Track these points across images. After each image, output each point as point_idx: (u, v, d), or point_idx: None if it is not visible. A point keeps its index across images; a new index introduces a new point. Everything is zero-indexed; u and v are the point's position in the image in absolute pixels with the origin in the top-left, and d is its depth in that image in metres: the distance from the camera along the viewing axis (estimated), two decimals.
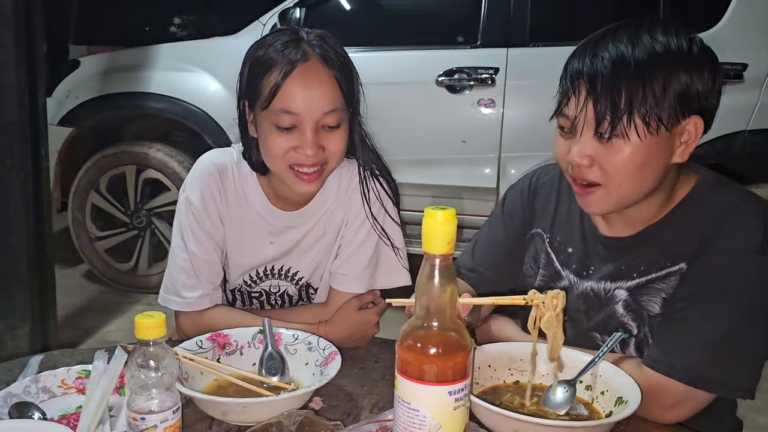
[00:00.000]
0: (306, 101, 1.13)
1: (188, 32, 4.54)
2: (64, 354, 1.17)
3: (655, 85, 0.97)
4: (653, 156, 1.00)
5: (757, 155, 2.92)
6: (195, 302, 1.26)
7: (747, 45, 2.86)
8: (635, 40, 0.99)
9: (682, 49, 0.99)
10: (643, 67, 0.97)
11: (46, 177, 2.61)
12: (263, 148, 1.20)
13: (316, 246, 1.32)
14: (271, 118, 1.15)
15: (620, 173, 1.01)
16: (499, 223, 1.30)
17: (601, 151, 1.01)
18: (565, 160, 1.05)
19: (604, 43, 1.01)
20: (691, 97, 0.99)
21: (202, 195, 1.25)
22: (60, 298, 2.79)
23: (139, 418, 0.80)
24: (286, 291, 1.36)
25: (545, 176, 1.27)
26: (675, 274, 1.06)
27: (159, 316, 0.81)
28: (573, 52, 1.06)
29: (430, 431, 0.73)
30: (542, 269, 1.22)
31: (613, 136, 0.99)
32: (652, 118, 0.97)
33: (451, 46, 3.20)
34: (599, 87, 0.98)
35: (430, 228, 0.72)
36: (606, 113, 0.98)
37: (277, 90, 1.13)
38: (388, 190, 1.32)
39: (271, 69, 1.14)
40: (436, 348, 0.73)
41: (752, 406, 2.56)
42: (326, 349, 1.09)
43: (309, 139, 1.14)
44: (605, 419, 0.92)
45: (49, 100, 2.88)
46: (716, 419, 1.04)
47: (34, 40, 2.48)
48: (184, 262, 1.26)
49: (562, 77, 1.06)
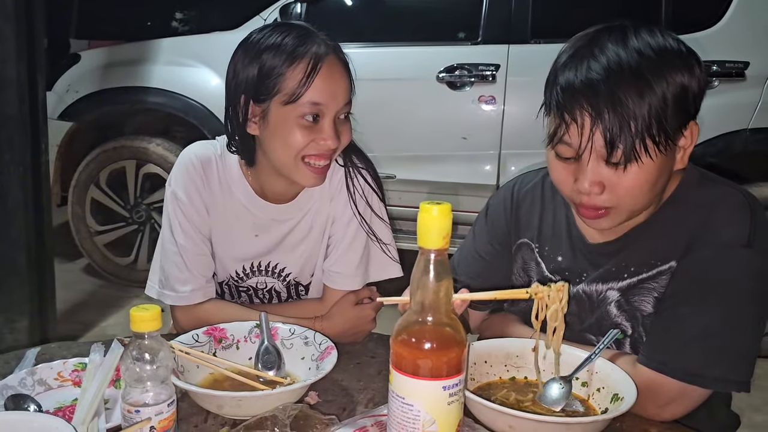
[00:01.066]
0: (332, 94, 1.16)
1: (189, 27, 4.54)
2: (61, 347, 1.17)
3: (659, 99, 0.94)
4: (663, 171, 0.99)
5: (758, 154, 2.92)
6: (188, 296, 1.26)
7: (749, 43, 2.85)
8: (628, 53, 0.96)
9: (674, 50, 0.98)
10: (646, 86, 0.94)
11: (45, 171, 2.61)
12: (279, 141, 1.17)
13: (303, 242, 1.31)
14: (296, 111, 1.14)
15: (635, 196, 0.99)
16: (484, 233, 1.29)
17: (612, 177, 0.98)
18: (571, 188, 1.02)
19: (594, 61, 0.96)
20: (689, 100, 0.98)
21: (186, 188, 1.25)
22: (59, 292, 2.80)
23: (133, 411, 0.80)
24: (274, 288, 1.35)
25: (527, 184, 1.25)
26: (665, 273, 1.05)
27: (154, 308, 0.81)
28: (557, 64, 1.02)
29: (424, 426, 0.73)
30: (533, 277, 1.21)
31: (627, 163, 0.96)
32: (661, 137, 0.95)
33: (452, 42, 3.20)
34: (606, 115, 0.94)
35: (426, 222, 0.72)
36: (618, 142, 0.94)
37: (306, 85, 1.13)
38: (374, 185, 1.31)
39: (297, 62, 1.14)
40: (431, 343, 0.73)
41: (750, 404, 2.56)
42: (322, 344, 1.09)
43: (331, 130, 1.16)
44: (601, 416, 0.92)
45: (49, 95, 2.87)
46: (711, 414, 1.03)
47: (34, 34, 2.48)
48: (174, 256, 1.26)
49: (552, 94, 1.00)
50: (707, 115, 3.22)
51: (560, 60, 1.02)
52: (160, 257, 1.31)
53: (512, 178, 1.32)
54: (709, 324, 0.99)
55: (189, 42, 3.57)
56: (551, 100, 1.01)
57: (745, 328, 1.00)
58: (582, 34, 1.03)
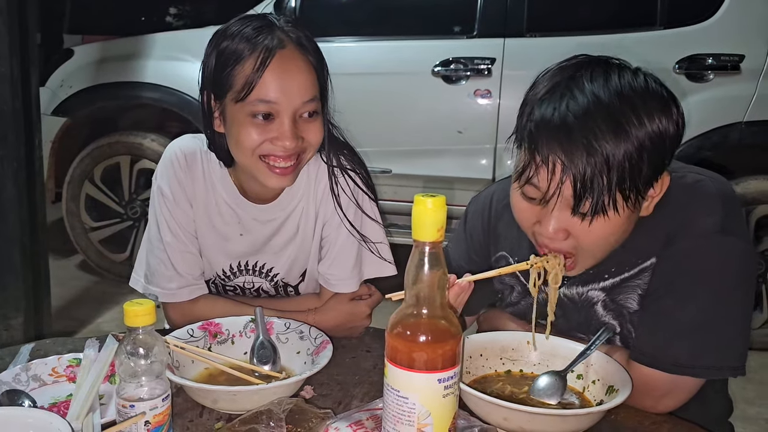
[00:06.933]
0: (285, 90, 1.07)
1: (183, 21, 4.52)
2: (56, 342, 1.17)
3: (635, 152, 0.91)
4: (629, 222, 0.98)
5: (753, 146, 2.93)
6: (175, 293, 1.25)
7: (744, 36, 2.85)
8: (608, 96, 0.92)
9: (655, 95, 0.94)
10: (623, 136, 0.90)
11: (39, 167, 2.60)
12: (233, 141, 1.13)
13: (290, 244, 1.28)
14: (245, 109, 1.08)
15: (598, 245, 0.99)
16: (462, 241, 1.29)
17: (576, 225, 0.96)
18: (533, 228, 1.01)
19: (573, 101, 0.92)
20: (666, 148, 0.95)
21: (171, 183, 1.23)
22: (54, 288, 2.79)
23: (128, 406, 0.80)
24: (261, 287, 1.33)
25: (505, 197, 1.19)
26: (647, 270, 1.05)
27: (148, 303, 0.81)
28: (534, 94, 0.97)
29: (419, 419, 0.73)
30: (515, 287, 1.21)
31: (594, 216, 0.94)
32: (631, 192, 0.94)
33: (447, 36, 3.18)
34: (579, 165, 0.90)
35: (420, 215, 0.72)
36: (587, 194, 0.92)
37: (255, 80, 1.06)
38: (363, 186, 1.27)
39: (245, 58, 1.07)
40: (426, 336, 0.73)
41: (743, 397, 2.57)
42: (318, 338, 1.09)
43: (288, 130, 1.08)
44: (595, 407, 0.92)
45: (42, 90, 2.86)
46: (702, 402, 1.04)
47: (27, 29, 2.46)
48: (160, 252, 1.24)
49: (525, 128, 0.96)
50: (702, 109, 3.24)
51: (537, 90, 0.98)
52: (146, 251, 1.29)
53: (491, 186, 1.30)
54: (695, 314, 0.99)
55: (183, 37, 3.55)
56: (524, 133, 0.97)
57: (732, 313, 1.01)
58: (564, 65, 0.99)
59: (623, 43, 2.87)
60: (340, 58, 1.34)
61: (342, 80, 1.34)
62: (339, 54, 1.31)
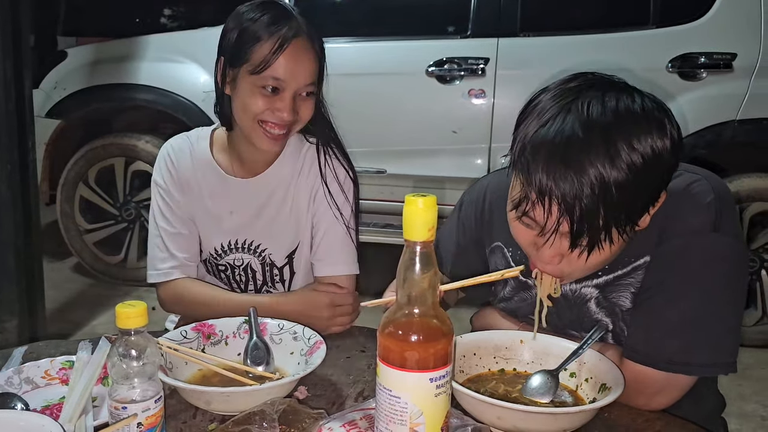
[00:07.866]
0: (293, 73, 1.25)
1: (178, 23, 4.51)
2: (49, 345, 1.16)
3: (632, 192, 0.90)
4: (623, 244, 0.98)
5: (746, 144, 2.94)
6: (166, 272, 1.35)
7: (736, 34, 2.86)
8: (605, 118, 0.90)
9: (656, 150, 0.91)
10: (622, 181, 0.89)
11: (33, 169, 2.60)
12: (240, 104, 1.27)
13: (278, 217, 1.37)
14: (257, 81, 1.25)
15: (594, 269, 1.02)
16: (455, 231, 1.30)
17: (572, 253, 0.96)
18: (530, 247, 1.02)
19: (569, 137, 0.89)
20: (661, 185, 0.96)
21: (164, 175, 1.38)
22: (48, 291, 2.78)
23: (120, 408, 0.80)
24: (250, 265, 1.40)
25: (500, 189, 1.18)
26: (641, 268, 1.06)
27: (140, 305, 0.81)
28: (530, 114, 0.96)
29: (411, 418, 0.73)
30: (509, 281, 1.21)
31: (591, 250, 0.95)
32: (628, 225, 0.94)
33: (441, 36, 3.19)
34: (576, 209, 0.90)
35: (411, 215, 0.72)
36: (584, 233, 0.92)
37: (271, 60, 1.23)
38: (349, 170, 1.38)
39: (264, 40, 1.24)
40: (417, 335, 0.73)
41: (740, 394, 2.58)
42: (311, 339, 1.09)
43: (288, 104, 1.26)
44: (588, 405, 0.93)
45: (36, 92, 2.85)
46: (695, 399, 1.04)
47: (21, 31, 2.46)
48: (155, 238, 1.37)
49: (520, 156, 0.94)
50: (695, 107, 3.24)
51: (531, 117, 0.95)
52: (149, 243, 1.40)
53: (486, 175, 1.32)
54: (687, 312, 1.00)
55: (177, 38, 3.54)
56: (518, 162, 0.95)
57: (723, 310, 1.01)
58: (563, 88, 0.96)
59: (616, 43, 2.88)
60: (335, 59, 1.39)
61: (336, 81, 1.39)
62: (333, 54, 1.35)
